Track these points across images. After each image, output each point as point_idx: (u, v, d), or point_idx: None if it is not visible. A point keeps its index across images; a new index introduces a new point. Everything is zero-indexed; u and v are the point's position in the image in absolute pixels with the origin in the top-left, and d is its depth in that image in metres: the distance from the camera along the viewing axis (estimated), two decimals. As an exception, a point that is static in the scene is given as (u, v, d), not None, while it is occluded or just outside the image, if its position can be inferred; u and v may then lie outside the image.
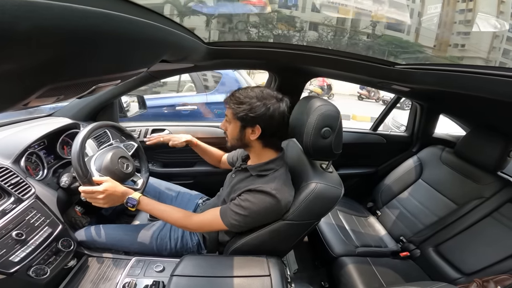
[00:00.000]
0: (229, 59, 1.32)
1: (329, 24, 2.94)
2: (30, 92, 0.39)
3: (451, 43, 1.85)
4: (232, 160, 1.27)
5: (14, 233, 0.83)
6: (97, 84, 0.57)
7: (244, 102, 0.89)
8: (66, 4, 0.30)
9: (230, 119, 0.95)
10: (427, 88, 1.32)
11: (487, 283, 1.08)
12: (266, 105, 0.87)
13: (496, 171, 1.43)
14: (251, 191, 0.90)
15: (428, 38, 2.01)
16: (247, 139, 0.94)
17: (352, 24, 2.84)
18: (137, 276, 1.01)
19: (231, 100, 0.92)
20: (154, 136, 1.33)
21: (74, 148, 0.94)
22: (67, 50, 0.35)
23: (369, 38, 2.65)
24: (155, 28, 0.56)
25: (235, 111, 0.91)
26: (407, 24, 2.22)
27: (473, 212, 1.38)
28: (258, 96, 0.89)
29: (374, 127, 2.10)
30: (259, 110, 0.87)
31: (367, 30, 2.63)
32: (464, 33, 1.76)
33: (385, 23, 2.43)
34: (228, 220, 0.91)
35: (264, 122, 0.89)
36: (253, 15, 2.81)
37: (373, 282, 1.29)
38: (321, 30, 3.02)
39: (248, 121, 0.90)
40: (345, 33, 2.93)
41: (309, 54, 1.24)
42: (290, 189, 0.93)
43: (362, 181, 2.12)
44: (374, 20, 2.49)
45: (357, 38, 2.84)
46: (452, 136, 1.99)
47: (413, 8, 2.22)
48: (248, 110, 0.88)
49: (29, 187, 0.97)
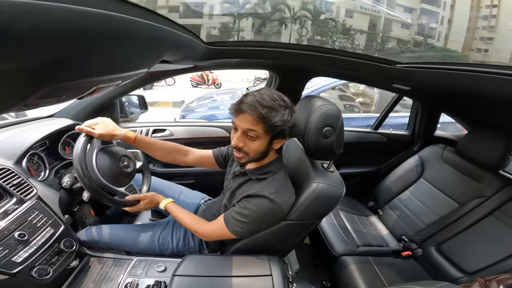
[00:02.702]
0: (230, 59, 1.32)
1: (363, 30, 2.95)
2: (30, 93, 0.39)
3: (474, 47, 1.85)
4: (222, 158, 1.17)
5: (16, 234, 0.83)
6: (98, 85, 0.57)
7: (279, 113, 0.80)
8: (64, 5, 0.30)
9: (260, 134, 0.82)
10: (428, 87, 1.31)
11: (489, 282, 1.08)
12: (293, 114, 0.85)
13: (498, 169, 1.42)
14: (249, 196, 0.89)
15: (456, 42, 2.01)
16: (270, 150, 0.88)
17: (383, 29, 2.85)
18: (139, 276, 1.01)
19: (263, 112, 0.78)
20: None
21: (75, 150, 0.94)
22: (66, 50, 0.35)
23: (399, 43, 2.65)
24: (155, 28, 0.56)
25: (271, 125, 0.80)
26: (438, 30, 2.23)
27: (475, 211, 1.37)
28: (286, 104, 0.83)
29: (375, 126, 2.10)
30: (292, 121, 0.83)
31: (397, 35, 2.64)
32: (487, 38, 1.76)
33: (416, 29, 2.44)
34: (233, 228, 0.91)
35: (290, 131, 0.86)
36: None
37: (374, 282, 1.28)
38: (356, 35, 3.04)
39: (281, 133, 0.83)
40: (377, 38, 2.93)
41: (310, 53, 1.24)
42: (289, 192, 0.92)
43: (363, 180, 2.12)
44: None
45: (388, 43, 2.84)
46: (454, 135, 1.98)
47: (443, 15, 2.23)
48: (285, 122, 0.81)
49: (31, 188, 0.97)
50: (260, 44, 1.25)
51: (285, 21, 2.62)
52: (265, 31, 2.77)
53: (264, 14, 2.60)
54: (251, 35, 2.75)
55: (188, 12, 2.58)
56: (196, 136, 1.74)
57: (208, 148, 1.23)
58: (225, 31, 2.33)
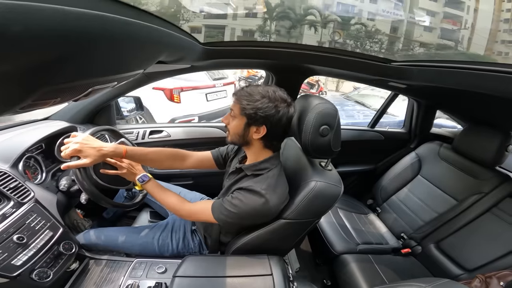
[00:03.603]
0: (226, 59, 1.32)
1: (386, 34, 2.99)
2: (25, 95, 0.39)
3: (495, 50, 1.87)
4: (222, 158, 1.18)
5: (15, 237, 0.83)
6: (93, 87, 0.57)
7: (255, 99, 0.86)
8: (59, 6, 0.29)
9: (236, 114, 0.91)
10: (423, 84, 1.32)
11: (489, 279, 1.09)
12: (277, 108, 0.86)
13: (494, 166, 1.43)
14: (242, 189, 0.90)
15: (479, 46, 2.04)
16: (249, 137, 0.91)
17: (406, 33, 2.89)
18: (140, 278, 1.01)
19: (242, 95, 0.89)
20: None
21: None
22: (61, 52, 0.35)
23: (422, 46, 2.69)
24: (150, 29, 0.56)
25: (244, 107, 0.87)
26: (461, 34, 2.26)
27: (473, 208, 1.38)
28: (270, 96, 0.86)
29: (372, 124, 2.10)
30: (269, 111, 0.85)
31: (420, 39, 2.66)
32: (508, 42, 1.78)
33: (439, 33, 2.47)
34: (218, 214, 0.92)
35: (271, 124, 0.87)
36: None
37: (375, 279, 1.29)
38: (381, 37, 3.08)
39: (255, 120, 0.87)
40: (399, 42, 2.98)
41: (306, 52, 1.24)
42: (282, 190, 0.92)
43: (361, 179, 2.13)
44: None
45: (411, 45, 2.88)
46: (450, 132, 2.00)
47: (467, 18, 2.25)
48: (258, 109, 0.85)
49: (28, 191, 0.96)
50: (256, 44, 1.26)
51: (315, 24, 2.67)
52: (295, 33, 2.82)
53: (296, 17, 2.65)
54: (287, 37, 2.81)
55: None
56: (193, 137, 1.74)
57: (205, 148, 1.23)
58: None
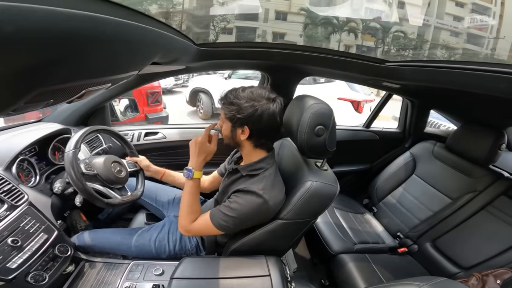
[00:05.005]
0: (221, 60, 1.31)
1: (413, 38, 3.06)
2: (18, 97, 0.38)
3: None
4: (225, 170, 1.24)
5: (9, 240, 0.82)
6: (87, 88, 0.57)
7: (233, 103, 0.90)
8: (51, 7, 0.29)
9: (223, 118, 0.96)
10: (416, 84, 1.33)
11: (486, 277, 1.10)
12: (254, 107, 0.87)
13: (488, 164, 1.45)
14: (239, 191, 0.90)
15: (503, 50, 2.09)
16: (238, 139, 0.95)
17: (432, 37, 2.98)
18: (137, 280, 1.00)
19: (223, 101, 0.94)
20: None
21: (67, 153, 0.94)
22: (54, 53, 0.35)
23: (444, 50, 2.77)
24: (144, 30, 0.56)
25: (225, 111, 0.93)
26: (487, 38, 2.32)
27: (467, 206, 1.40)
28: (247, 97, 0.89)
29: (367, 124, 2.12)
30: (246, 112, 0.88)
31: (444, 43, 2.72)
32: None
33: (465, 38, 2.53)
34: (217, 221, 0.91)
35: (252, 123, 0.89)
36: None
37: (372, 279, 1.29)
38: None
39: (236, 122, 0.91)
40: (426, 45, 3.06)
41: (301, 53, 1.25)
42: (278, 189, 0.93)
43: (357, 178, 2.14)
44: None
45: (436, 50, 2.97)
46: (443, 131, 2.02)
47: (492, 24, 2.30)
48: (236, 111, 0.89)
49: (22, 194, 0.95)
50: (251, 44, 1.26)
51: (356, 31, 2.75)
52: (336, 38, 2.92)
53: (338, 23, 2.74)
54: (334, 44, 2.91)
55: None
56: (188, 138, 1.73)
57: None
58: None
